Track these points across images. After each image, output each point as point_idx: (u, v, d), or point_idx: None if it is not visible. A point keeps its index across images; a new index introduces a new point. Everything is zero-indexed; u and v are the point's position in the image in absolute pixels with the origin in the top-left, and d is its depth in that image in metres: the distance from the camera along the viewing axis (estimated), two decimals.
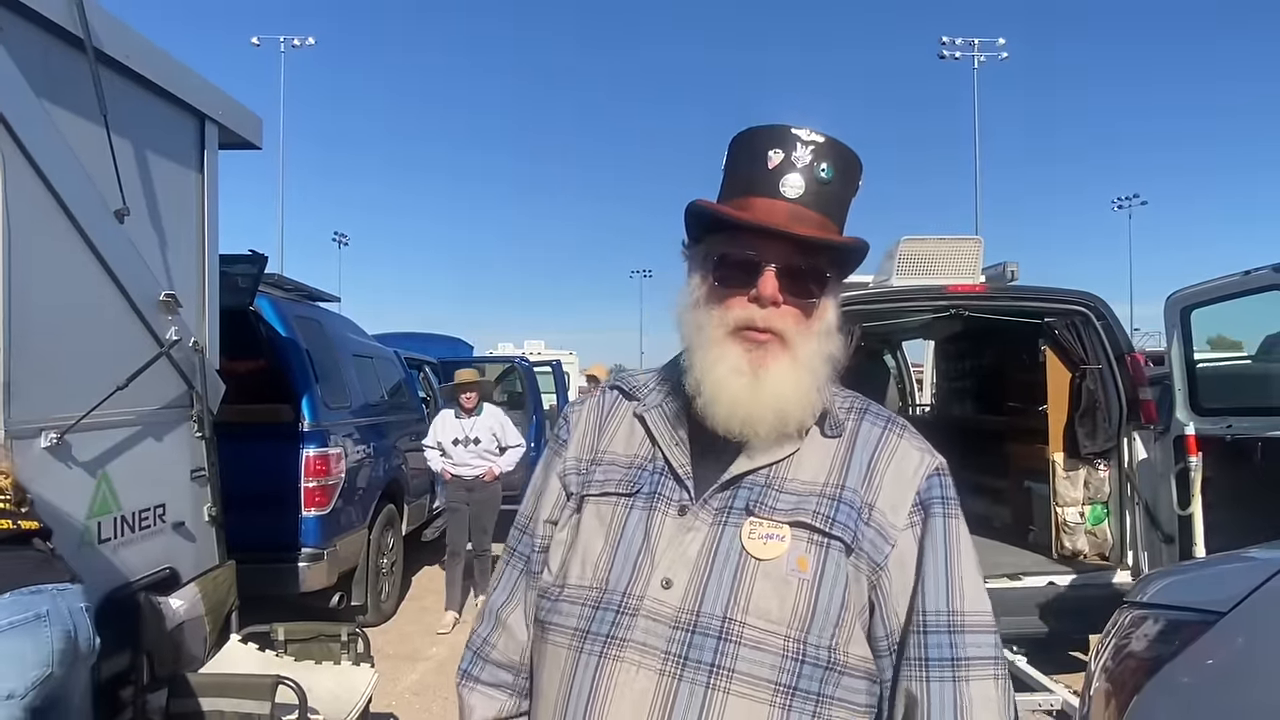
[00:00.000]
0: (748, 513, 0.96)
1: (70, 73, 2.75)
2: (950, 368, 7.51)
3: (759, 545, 0.94)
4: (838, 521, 0.96)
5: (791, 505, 0.96)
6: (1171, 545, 4.42)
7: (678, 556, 0.96)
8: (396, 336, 9.88)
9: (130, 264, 3.04)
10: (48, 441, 2.64)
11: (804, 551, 0.94)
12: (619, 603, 0.96)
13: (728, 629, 0.92)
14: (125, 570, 3.04)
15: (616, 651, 0.94)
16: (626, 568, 0.97)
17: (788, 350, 0.96)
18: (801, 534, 0.95)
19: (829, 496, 0.97)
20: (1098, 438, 4.76)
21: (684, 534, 0.97)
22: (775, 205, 0.96)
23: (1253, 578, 1.66)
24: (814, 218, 0.97)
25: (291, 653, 3.52)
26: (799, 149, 0.96)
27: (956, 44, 31.46)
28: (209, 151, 3.64)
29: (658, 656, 0.92)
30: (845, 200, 1.01)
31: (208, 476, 3.58)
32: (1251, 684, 1.57)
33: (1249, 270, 4.21)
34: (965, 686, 0.94)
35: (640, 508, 1.00)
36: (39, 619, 1.93)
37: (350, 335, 6.63)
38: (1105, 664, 1.93)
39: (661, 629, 0.93)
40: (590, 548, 1.01)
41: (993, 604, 0.99)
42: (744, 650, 0.91)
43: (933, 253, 5.28)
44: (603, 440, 1.09)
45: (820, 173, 0.96)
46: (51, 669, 1.93)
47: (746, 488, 0.98)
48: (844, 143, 0.99)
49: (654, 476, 1.02)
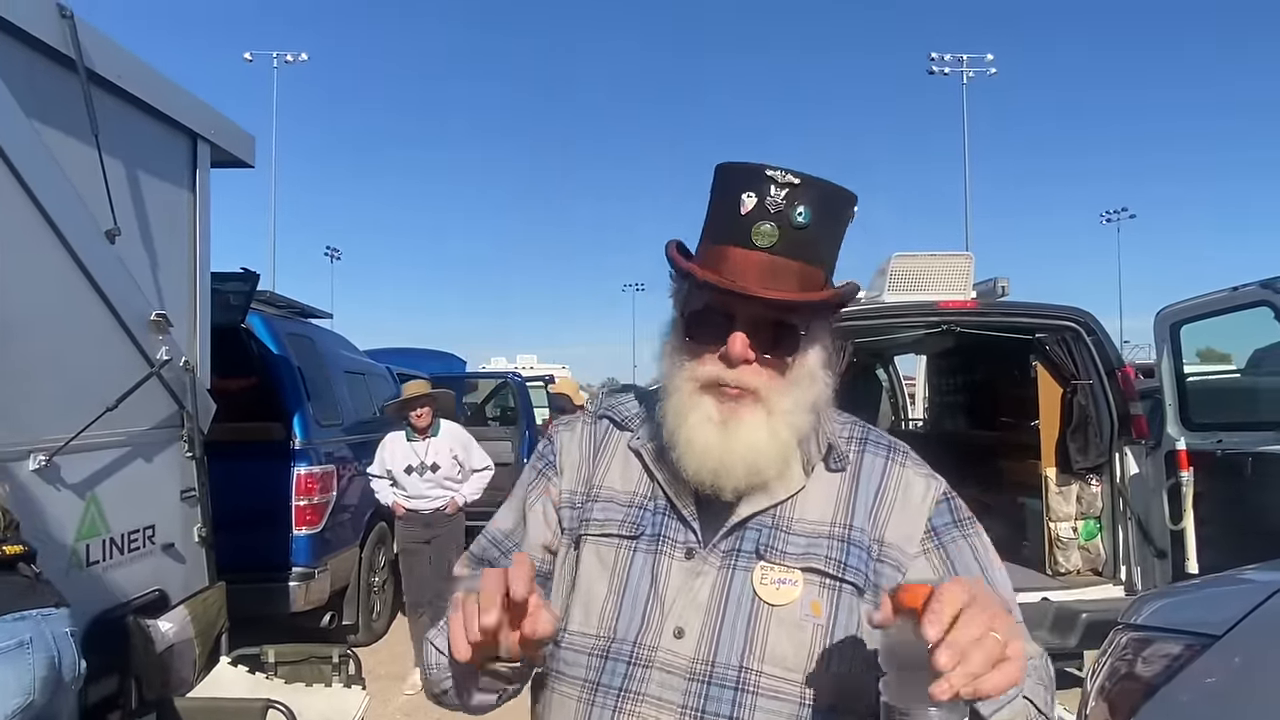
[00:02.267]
0: (758, 556, 0.93)
1: (61, 93, 2.75)
2: (942, 383, 7.53)
3: (771, 591, 0.92)
4: (849, 565, 0.93)
5: (801, 549, 0.94)
6: (1164, 560, 4.42)
7: (689, 603, 0.93)
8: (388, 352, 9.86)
9: (121, 284, 3.02)
10: (36, 464, 2.62)
11: (816, 595, 0.92)
12: (630, 653, 0.93)
13: (744, 679, 0.89)
14: (114, 593, 3.00)
15: (632, 706, 0.91)
16: (635, 616, 0.94)
17: (761, 404, 0.92)
18: (814, 579, 0.93)
19: (839, 539, 0.95)
20: (1089, 453, 4.77)
21: (693, 579, 0.94)
22: (748, 258, 0.91)
23: (1249, 600, 1.67)
24: (790, 267, 0.91)
25: (282, 675, 3.47)
26: (773, 191, 0.90)
27: (945, 59, 31.77)
28: (201, 170, 3.64)
29: (674, 711, 0.90)
30: (831, 240, 0.96)
31: (198, 497, 3.55)
32: (1248, 707, 1.57)
33: (1237, 286, 4.24)
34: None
35: (645, 550, 0.97)
36: (21, 646, 1.90)
37: (342, 352, 6.61)
38: (1101, 685, 1.93)
39: (677, 681, 0.91)
40: (594, 593, 0.98)
41: None
42: (761, 700, 0.89)
43: (924, 269, 5.31)
44: (597, 473, 1.05)
45: (797, 217, 0.90)
46: (33, 697, 1.91)
47: (754, 529, 0.95)
48: (825, 180, 0.93)
49: (656, 517, 0.98)
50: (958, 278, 5.30)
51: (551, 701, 0.98)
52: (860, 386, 6.93)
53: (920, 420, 8.55)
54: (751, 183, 0.91)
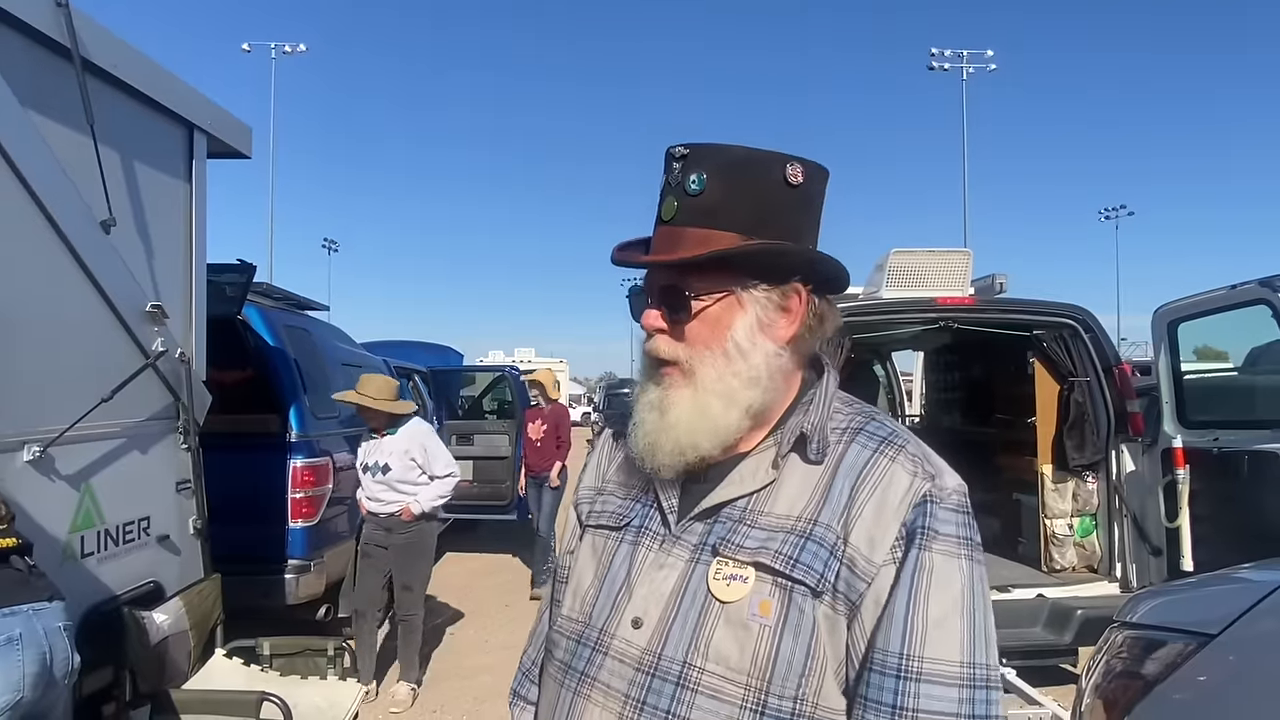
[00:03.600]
0: (714, 552, 0.91)
1: (56, 82, 2.73)
2: (940, 379, 7.53)
3: (722, 587, 0.89)
4: (800, 563, 0.87)
5: (757, 543, 0.89)
6: (1159, 557, 4.44)
7: (650, 593, 0.93)
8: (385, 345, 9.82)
9: (116, 275, 3.01)
10: (30, 455, 2.61)
11: (767, 595, 0.87)
12: (595, 639, 0.95)
13: (686, 675, 0.88)
14: (108, 585, 3.00)
15: (587, 690, 0.93)
16: (607, 603, 0.96)
17: (686, 378, 0.94)
18: (765, 576, 0.88)
19: (798, 533, 0.89)
20: (1086, 450, 4.78)
21: (658, 571, 0.94)
22: (657, 232, 0.96)
23: (1244, 599, 1.67)
24: (684, 235, 0.92)
25: (277, 667, 3.48)
26: (673, 166, 0.95)
27: (945, 55, 31.72)
28: (197, 161, 3.62)
29: (618, 699, 0.90)
30: (742, 203, 0.92)
31: (193, 489, 3.54)
32: (1242, 706, 1.57)
33: (1236, 284, 4.24)
34: None
35: (629, 541, 0.98)
36: (10, 642, 1.90)
37: (339, 344, 6.59)
38: (1096, 683, 1.93)
39: (625, 670, 0.91)
40: (582, 580, 1.01)
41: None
42: (700, 699, 0.86)
43: (922, 265, 5.31)
44: (610, 467, 1.09)
45: (690, 185, 0.92)
46: (23, 693, 1.90)
47: (722, 521, 0.93)
48: (724, 145, 0.93)
49: (643, 509, 1.00)
50: (956, 274, 5.30)
51: (544, 683, 1.03)
52: (858, 383, 6.92)
53: (917, 416, 8.55)
54: (665, 163, 0.97)
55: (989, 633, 0.87)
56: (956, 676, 0.83)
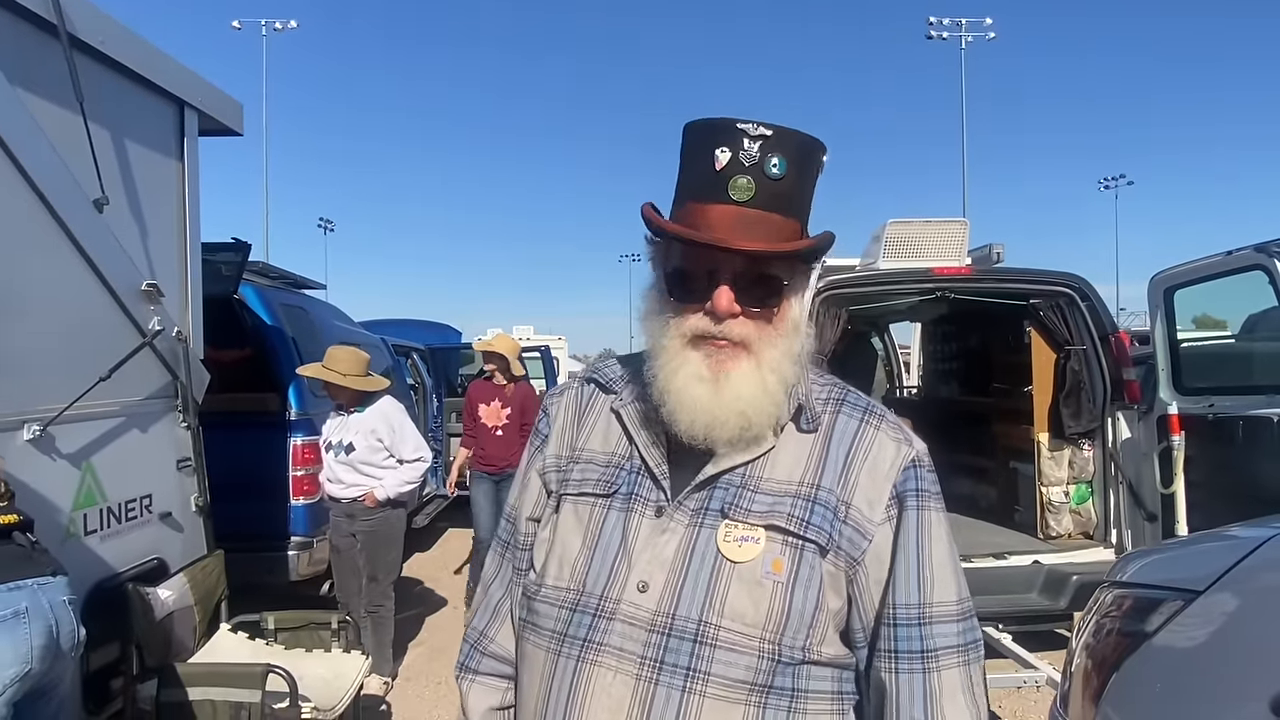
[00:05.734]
0: (723, 515, 0.95)
1: (44, 59, 2.71)
2: (937, 349, 7.55)
3: (734, 548, 0.94)
4: (812, 524, 0.95)
5: (766, 507, 0.95)
6: (1154, 523, 4.48)
7: (654, 558, 0.95)
8: (383, 323, 9.83)
9: (110, 254, 3.01)
10: (30, 434, 2.63)
11: (779, 554, 0.94)
12: (596, 605, 0.96)
13: (703, 632, 0.91)
14: (112, 561, 3.03)
15: (594, 656, 0.94)
16: (604, 570, 0.97)
17: (750, 355, 0.94)
18: (776, 536, 0.94)
19: (804, 498, 0.96)
20: (1082, 418, 4.80)
21: (659, 536, 0.96)
22: (726, 212, 0.92)
23: (1230, 556, 1.69)
24: (768, 220, 0.93)
25: (282, 641, 3.52)
26: (746, 145, 0.91)
27: (944, 24, 31.40)
28: (189, 138, 3.60)
29: (634, 661, 0.92)
30: (805, 189, 0.97)
31: (194, 466, 3.57)
32: (1227, 660, 1.59)
33: (1231, 250, 4.24)
34: (935, 677, 0.95)
35: (618, 509, 1.00)
36: (17, 616, 1.92)
37: (336, 323, 6.59)
38: (1086, 642, 1.96)
39: (638, 633, 0.93)
40: (568, 548, 1.01)
41: (978, 583, 1.00)
42: (719, 653, 0.91)
43: (919, 235, 5.29)
44: (581, 436, 1.08)
45: (772, 169, 0.91)
46: (31, 665, 1.93)
47: (722, 488, 0.97)
48: (795, 130, 0.94)
49: (631, 476, 1.01)
50: (952, 244, 5.29)
51: (526, 653, 1.02)
52: (855, 354, 6.93)
53: (915, 387, 8.58)
54: (725, 138, 0.92)
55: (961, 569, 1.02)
56: (955, 613, 0.98)
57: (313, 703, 3.03)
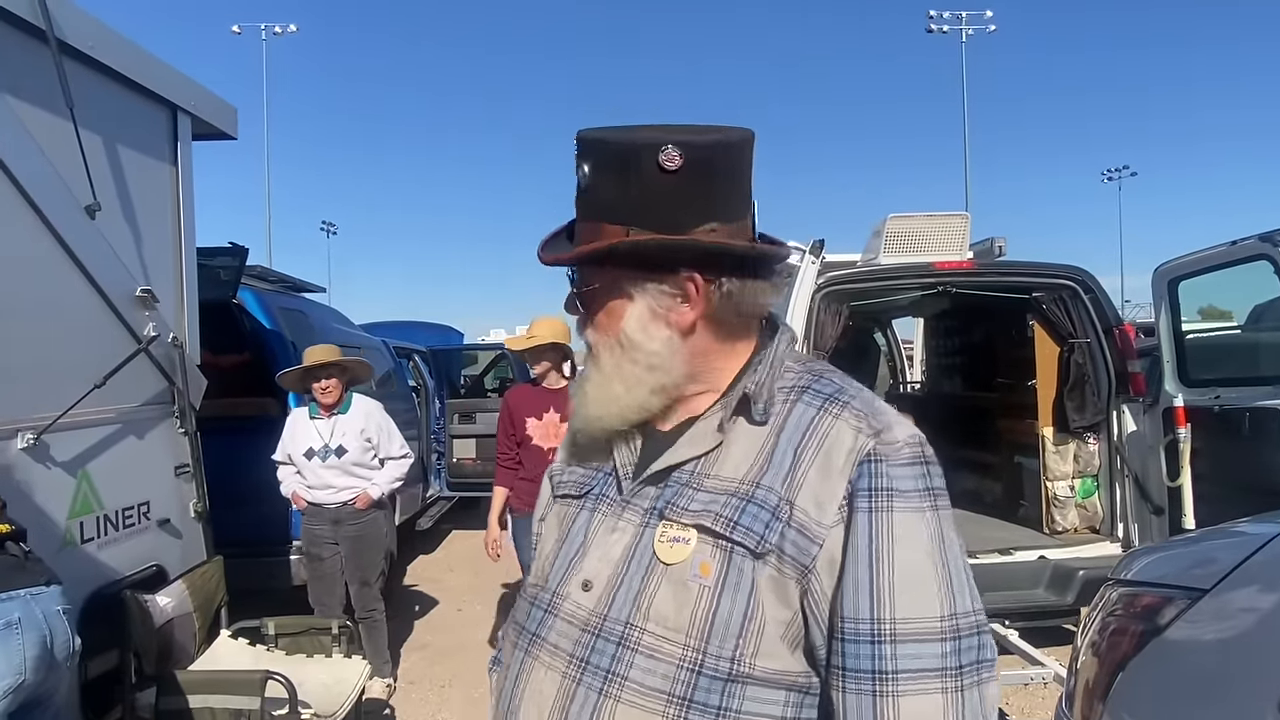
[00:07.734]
0: (660, 515, 0.93)
1: (33, 65, 2.69)
2: (940, 344, 7.52)
3: (666, 549, 0.91)
4: (739, 525, 0.88)
5: (701, 506, 0.90)
6: (1161, 517, 4.44)
7: (603, 557, 0.95)
8: (384, 326, 9.82)
9: (104, 260, 2.99)
10: (24, 443, 2.61)
11: (708, 556, 0.88)
12: (548, 601, 0.97)
13: (627, 635, 0.90)
14: (110, 569, 3.01)
15: (536, 651, 0.95)
16: (562, 566, 0.98)
17: (594, 359, 1.00)
18: (707, 538, 0.89)
19: (740, 496, 0.89)
20: (1086, 411, 4.77)
21: (610, 535, 0.96)
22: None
23: (1237, 553, 1.66)
24: (585, 228, 0.96)
25: (282, 647, 3.51)
26: (576, 158, 0.95)
27: (944, 17, 31.30)
28: (182, 143, 3.59)
29: (563, 659, 0.93)
30: (618, 193, 0.92)
31: (192, 472, 3.55)
32: (1235, 659, 1.57)
33: (1236, 240, 4.19)
34: (889, 702, 0.82)
35: (588, 508, 1.01)
36: (9, 626, 1.90)
37: (336, 326, 6.59)
38: (1091, 640, 1.93)
39: (572, 631, 0.93)
40: (546, 547, 1.04)
41: (984, 579, 0.90)
42: (639, 658, 0.88)
43: (920, 230, 5.27)
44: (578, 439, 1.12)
45: (581, 178, 0.94)
46: (25, 676, 1.91)
47: (671, 485, 0.94)
48: (601, 130, 0.93)
49: (604, 476, 1.01)
50: (954, 238, 5.26)
51: (504, 644, 1.06)
52: (858, 349, 6.91)
53: (918, 382, 8.55)
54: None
55: (966, 579, 0.87)
56: (937, 631, 0.83)
57: (313, 708, 3.01)
